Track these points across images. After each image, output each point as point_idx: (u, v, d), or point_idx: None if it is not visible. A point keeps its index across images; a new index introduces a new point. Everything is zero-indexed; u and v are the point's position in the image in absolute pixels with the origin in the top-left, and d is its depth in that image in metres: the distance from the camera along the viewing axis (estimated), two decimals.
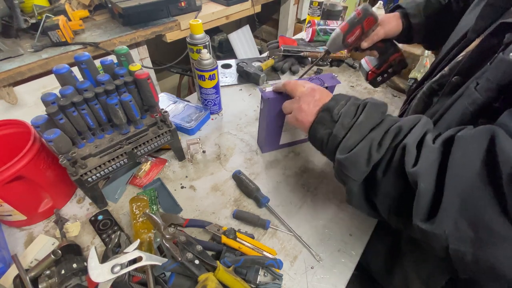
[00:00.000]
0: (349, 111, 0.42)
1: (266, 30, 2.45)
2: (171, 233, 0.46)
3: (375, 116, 0.40)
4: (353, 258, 0.54)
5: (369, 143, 0.38)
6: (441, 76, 0.51)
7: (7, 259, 0.49)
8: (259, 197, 0.60)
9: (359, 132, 0.40)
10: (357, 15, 0.65)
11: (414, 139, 0.35)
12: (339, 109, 0.43)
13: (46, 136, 0.44)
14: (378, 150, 0.38)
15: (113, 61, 0.55)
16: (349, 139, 0.40)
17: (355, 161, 0.39)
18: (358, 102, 0.43)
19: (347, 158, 0.39)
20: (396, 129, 0.38)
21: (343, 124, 0.42)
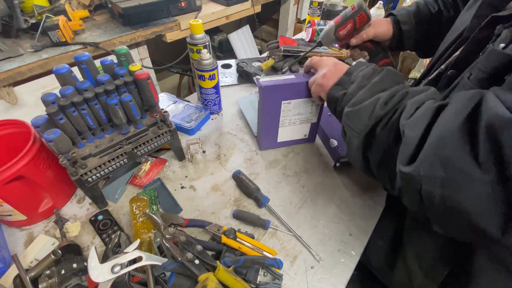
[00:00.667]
0: (367, 73, 0.46)
1: (266, 30, 2.45)
2: (171, 233, 0.46)
3: (389, 81, 0.44)
4: (353, 258, 0.54)
5: (375, 100, 0.42)
6: (438, 74, 0.52)
7: (7, 259, 0.49)
8: (259, 197, 0.60)
9: (370, 91, 0.44)
10: (351, 9, 0.68)
11: (416, 101, 0.38)
12: (358, 72, 0.48)
13: (46, 136, 0.44)
14: (383, 108, 0.41)
15: (113, 61, 0.55)
16: (360, 96, 0.45)
17: (359, 114, 0.43)
18: (377, 68, 0.47)
19: (353, 111, 0.44)
20: (404, 93, 0.41)
21: (358, 84, 0.46)
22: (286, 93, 0.62)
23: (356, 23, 0.68)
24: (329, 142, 0.71)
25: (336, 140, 0.71)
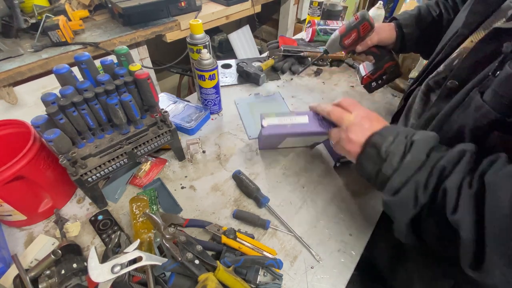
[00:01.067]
0: (398, 150, 0.41)
1: (266, 30, 2.45)
2: (171, 233, 0.46)
3: (421, 154, 0.39)
4: (353, 258, 0.54)
5: (414, 186, 0.38)
6: (437, 73, 0.52)
7: (7, 259, 0.49)
8: (259, 197, 0.60)
9: (405, 173, 0.39)
10: (355, 19, 0.69)
11: (455, 183, 0.35)
12: (387, 147, 0.42)
13: (46, 136, 0.44)
14: (424, 193, 0.37)
15: (113, 61, 0.55)
16: (395, 179, 0.40)
17: (402, 204, 0.39)
18: (406, 140, 0.42)
19: (394, 202, 0.40)
20: (440, 168, 0.37)
21: (391, 164, 0.41)
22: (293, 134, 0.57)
23: (360, 32, 0.69)
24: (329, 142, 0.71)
25: None
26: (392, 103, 0.94)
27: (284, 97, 0.93)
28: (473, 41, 0.46)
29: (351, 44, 0.72)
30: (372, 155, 0.44)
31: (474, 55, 0.42)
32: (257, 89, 0.97)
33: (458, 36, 0.49)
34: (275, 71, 1.06)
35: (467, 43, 0.47)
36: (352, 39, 0.71)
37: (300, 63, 1.10)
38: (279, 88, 0.98)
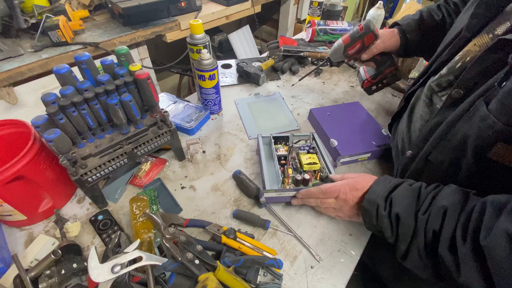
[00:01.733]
0: (385, 225, 0.45)
1: (266, 30, 2.45)
2: (171, 233, 0.46)
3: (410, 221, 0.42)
4: (353, 258, 0.54)
5: (416, 251, 0.41)
6: (440, 76, 0.51)
7: (7, 259, 0.49)
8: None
9: (404, 241, 0.43)
10: (360, 30, 0.69)
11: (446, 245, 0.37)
12: (376, 221, 0.46)
13: (46, 136, 0.44)
14: (428, 256, 0.40)
15: (113, 61, 0.55)
16: (399, 248, 0.44)
17: (415, 266, 0.43)
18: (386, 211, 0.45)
19: (408, 264, 0.44)
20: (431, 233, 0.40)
21: (388, 236, 0.45)
22: None
23: (365, 42, 0.71)
24: (329, 142, 0.71)
25: (336, 140, 0.71)
26: (392, 103, 0.94)
27: (284, 97, 0.93)
28: (476, 44, 0.45)
29: (355, 53, 0.73)
30: (370, 225, 0.49)
31: (479, 65, 0.41)
32: (257, 89, 0.97)
33: (460, 39, 0.49)
34: (275, 71, 1.06)
35: (470, 46, 0.46)
36: (356, 49, 0.72)
37: (300, 63, 1.10)
38: (279, 88, 0.98)
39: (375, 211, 0.46)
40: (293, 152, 0.68)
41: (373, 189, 0.48)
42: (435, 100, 0.52)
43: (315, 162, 0.63)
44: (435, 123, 0.48)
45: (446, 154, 0.46)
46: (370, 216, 0.47)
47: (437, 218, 0.39)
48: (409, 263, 0.43)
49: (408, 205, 0.43)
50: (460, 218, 0.37)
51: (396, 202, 0.45)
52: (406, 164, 0.55)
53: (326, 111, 0.81)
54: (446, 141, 0.45)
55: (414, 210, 0.42)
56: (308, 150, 0.69)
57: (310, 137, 0.71)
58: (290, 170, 0.63)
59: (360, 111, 0.83)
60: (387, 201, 0.46)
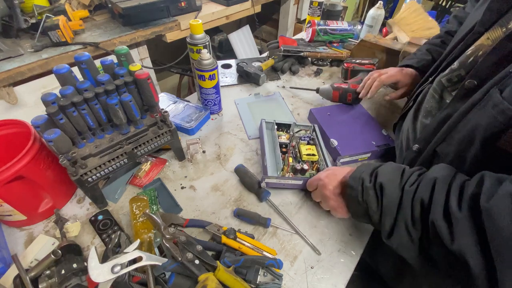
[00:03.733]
0: (370, 197, 0.44)
1: (266, 30, 2.45)
2: (171, 233, 0.46)
3: (395, 192, 0.42)
4: (353, 258, 0.54)
5: (403, 224, 0.40)
6: (451, 70, 0.51)
7: (7, 259, 0.49)
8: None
9: (389, 215, 0.42)
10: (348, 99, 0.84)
11: (439, 213, 0.36)
12: (361, 196, 0.46)
13: (46, 136, 0.44)
14: (415, 227, 0.39)
15: (113, 61, 0.55)
16: (385, 223, 0.43)
17: (401, 243, 0.41)
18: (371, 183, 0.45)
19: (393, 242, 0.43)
20: (419, 201, 0.39)
21: (373, 211, 0.44)
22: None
23: None
24: (329, 142, 0.71)
25: (336, 140, 0.71)
26: (392, 103, 0.94)
27: (284, 97, 0.93)
28: (490, 38, 0.45)
29: None
30: (356, 207, 0.48)
31: (494, 55, 0.41)
32: (257, 89, 0.97)
33: (474, 34, 0.49)
34: (275, 71, 1.06)
35: (483, 40, 0.46)
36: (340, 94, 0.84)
37: (300, 63, 1.10)
38: (279, 88, 0.98)
39: (361, 185, 0.46)
40: (294, 141, 0.69)
41: (358, 169, 0.49)
42: (445, 96, 0.52)
43: (314, 153, 0.66)
44: (444, 116, 0.48)
45: (453, 146, 0.45)
46: (355, 193, 0.46)
47: (426, 188, 0.39)
48: (395, 240, 0.42)
49: (393, 177, 0.43)
50: (452, 187, 0.37)
51: (381, 174, 0.45)
52: (413, 159, 0.55)
53: (326, 111, 0.81)
54: (455, 132, 0.45)
55: (399, 182, 0.42)
56: (308, 141, 0.72)
57: (311, 128, 0.74)
58: (291, 159, 0.66)
59: (360, 111, 0.83)
60: (372, 175, 0.46)
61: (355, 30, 1.16)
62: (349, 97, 0.83)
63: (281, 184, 0.62)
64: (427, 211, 0.38)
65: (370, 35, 1.07)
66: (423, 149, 0.52)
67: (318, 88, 0.88)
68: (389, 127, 0.83)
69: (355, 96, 0.82)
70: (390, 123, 0.85)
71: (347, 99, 0.83)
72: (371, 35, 1.08)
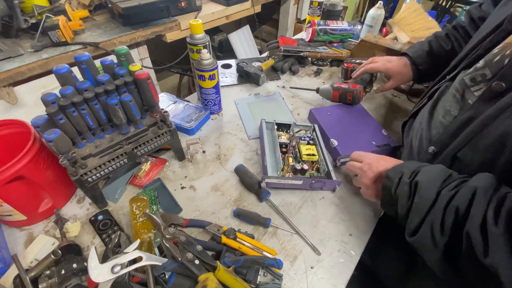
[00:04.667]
0: (403, 192, 0.44)
1: (266, 30, 2.45)
2: (171, 233, 0.46)
3: (429, 195, 0.40)
4: (353, 258, 0.54)
5: (429, 227, 0.39)
6: (475, 69, 0.48)
7: (7, 259, 0.49)
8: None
9: (417, 214, 0.41)
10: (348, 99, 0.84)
11: (475, 226, 0.34)
12: (395, 189, 0.45)
13: (46, 136, 0.44)
14: (442, 233, 0.38)
15: (113, 61, 0.55)
16: (411, 221, 0.42)
17: (423, 244, 0.40)
18: (409, 178, 0.44)
19: (415, 242, 0.42)
20: (454, 209, 0.37)
21: (402, 205, 0.44)
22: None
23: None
24: (329, 142, 0.71)
25: (336, 140, 0.71)
26: (392, 103, 0.94)
27: (284, 97, 0.93)
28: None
29: None
30: (388, 198, 0.48)
31: None
32: (257, 89, 0.97)
33: (501, 31, 0.46)
34: (275, 71, 1.06)
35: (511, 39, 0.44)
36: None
37: (300, 63, 1.10)
38: (279, 88, 0.98)
39: (398, 178, 0.45)
40: (294, 141, 0.70)
41: (404, 163, 0.48)
42: (467, 96, 0.49)
43: (314, 153, 0.66)
44: (466, 118, 0.46)
45: (478, 153, 0.43)
46: (390, 184, 0.46)
47: (464, 198, 0.37)
48: (418, 240, 0.41)
49: (434, 179, 0.42)
50: (492, 200, 0.35)
51: (422, 172, 0.43)
52: (428, 161, 0.52)
53: (326, 111, 0.81)
54: (481, 138, 0.42)
55: (439, 186, 0.41)
56: (308, 141, 0.72)
57: (311, 128, 0.75)
58: (291, 159, 0.66)
59: (360, 111, 0.83)
60: (414, 172, 0.44)
61: (355, 30, 1.16)
62: (349, 97, 0.83)
63: (281, 184, 0.62)
64: (461, 221, 0.36)
65: (370, 35, 1.07)
66: (440, 152, 0.50)
67: (318, 88, 0.88)
68: (389, 127, 0.84)
69: (355, 96, 0.82)
70: (390, 123, 0.85)
71: (347, 99, 0.83)
72: (371, 35, 1.08)
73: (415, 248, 0.43)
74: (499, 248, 0.32)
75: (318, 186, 0.63)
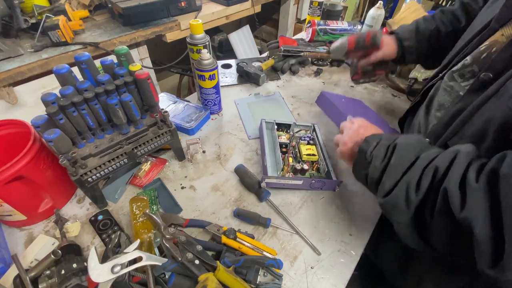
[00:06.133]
0: (379, 153, 0.44)
1: (266, 30, 2.45)
2: (171, 233, 0.46)
3: (408, 157, 0.40)
4: (353, 258, 0.54)
5: (405, 186, 0.39)
6: (463, 66, 0.51)
7: (7, 259, 0.49)
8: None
9: (392, 175, 0.41)
10: (366, 41, 0.72)
11: (455, 181, 0.34)
12: (371, 151, 0.45)
13: (46, 136, 0.44)
14: (417, 193, 0.37)
15: (113, 61, 0.55)
16: (385, 182, 0.41)
17: (395, 204, 0.40)
18: (388, 143, 0.44)
19: (387, 202, 0.41)
20: (433, 169, 0.37)
21: (375, 166, 0.43)
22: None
23: (368, 52, 0.75)
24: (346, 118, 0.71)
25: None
26: (392, 103, 0.94)
27: (284, 97, 0.93)
28: (504, 34, 0.45)
29: (355, 57, 0.78)
30: (361, 160, 0.47)
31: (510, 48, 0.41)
32: (257, 89, 0.97)
33: (489, 30, 0.48)
34: (275, 71, 1.06)
35: (497, 36, 0.46)
36: (357, 55, 0.76)
37: (300, 63, 1.10)
38: (279, 88, 0.98)
39: (376, 142, 0.45)
40: (294, 141, 0.70)
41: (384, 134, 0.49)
42: (457, 88, 0.52)
43: (314, 153, 0.67)
44: (458, 109, 0.47)
45: (465, 139, 0.44)
46: (367, 146, 0.46)
47: (445, 159, 0.37)
48: (390, 200, 0.40)
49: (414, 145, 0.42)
50: (473, 162, 0.35)
51: (401, 138, 0.43)
52: None
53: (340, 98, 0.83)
54: (468, 126, 0.44)
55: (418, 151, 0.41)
56: (308, 141, 0.72)
57: (311, 128, 0.75)
58: (291, 159, 0.66)
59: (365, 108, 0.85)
60: (393, 138, 0.44)
61: (355, 30, 1.16)
62: (367, 38, 0.73)
63: (281, 184, 0.62)
64: (439, 180, 0.36)
65: None
66: (434, 143, 0.51)
67: (329, 48, 0.82)
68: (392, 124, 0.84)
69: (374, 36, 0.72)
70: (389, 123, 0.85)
71: (365, 42, 0.73)
72: None
73: (385, 211, 0.43)
74: (477, 201, 0.32)
75: (318, 186, 0.63)
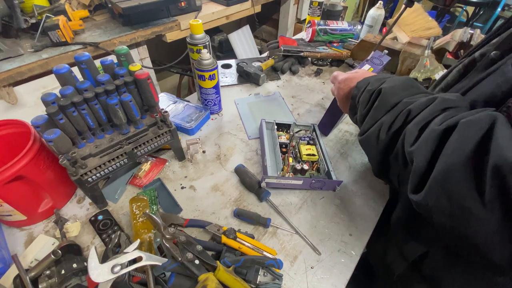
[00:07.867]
0: (364, 99, 0.47)
1: (266, 30, 2.45)
2: (171, 233, 0.46)
3: (389, 102, 0.43)
4: (353, 258, 0.54)
5: (379, 126, 0.42)
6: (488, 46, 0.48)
7: (7, 259, 0.49)
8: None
9: (372, 117, 0.44)
10: None
11: (417, 123, 0.37)
12: (359, 97, 0.49)
13: (46, 136, 0.44)
14: (387, 133, 0.41)
15: (113, 61, 0.55)
16: (365, 124, 0.46)
17: (367, 142, 0.45)
18: (373, 88, 0.46)
19: (362, 139, 0.47)
20: (407, 113, 0.39)
21: (361, 112, 0.47)
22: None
23: None
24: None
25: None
26: None
27: (284, 97, 0.93)
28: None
29: None
30: (352, 106, 0.52)
31: None
32: (257, 89, 0.97)
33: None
34: (275, 71, 1.06)
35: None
36: None
37: (300, 63, 1.10)
38: (279, 88, 0.98)
39: (364, 87, 0.48)
40: (294, 141, 0.70)
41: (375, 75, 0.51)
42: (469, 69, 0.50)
43: (313, 153, 0.67)
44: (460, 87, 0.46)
45: None
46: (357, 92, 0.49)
47: (423, 103, 0.38)
48: (365, 138, 0.46)
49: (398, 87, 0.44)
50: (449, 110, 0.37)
51: (387, 82, 0.45)
52: None
53: None
54: None
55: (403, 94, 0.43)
56: (308, 141, 0.72)
57: (311, 128, 0.75)
58: (291, 159, 0.66)
59: None
60: (380, 81, 0.47)
61: (355, 30, 1.16)
62: None
63: (281, 184, 0.62)
64: (408, 122, 0.38)
65: (370, 35, 1.07)
66: None
67: None
68: None
69: None
70: None
71: None
72: (371, 35, 1.08)
73: (362, 146, 0.49)
74: (428, 140, 0.34)
75: (318, 186, 0.63)
